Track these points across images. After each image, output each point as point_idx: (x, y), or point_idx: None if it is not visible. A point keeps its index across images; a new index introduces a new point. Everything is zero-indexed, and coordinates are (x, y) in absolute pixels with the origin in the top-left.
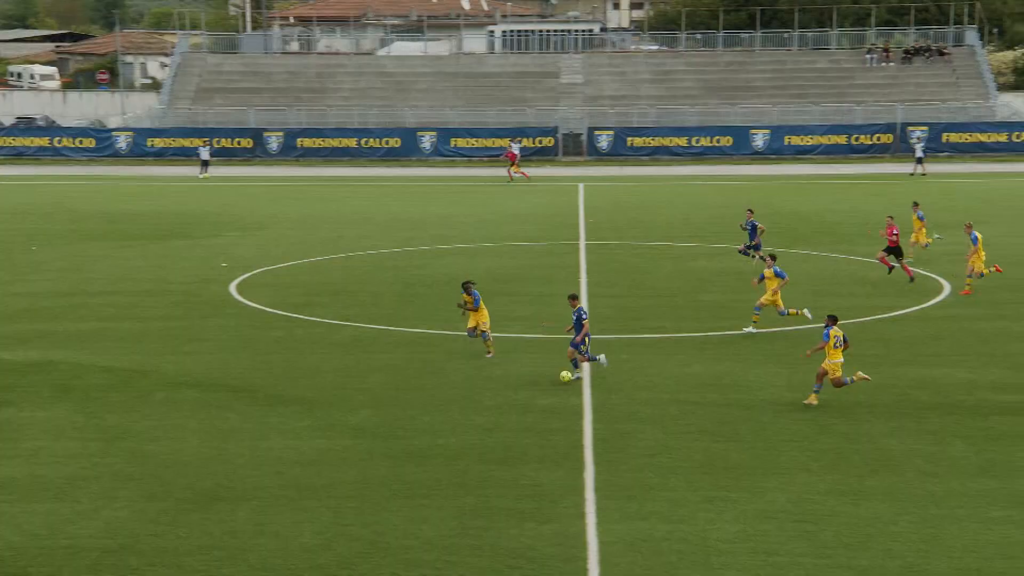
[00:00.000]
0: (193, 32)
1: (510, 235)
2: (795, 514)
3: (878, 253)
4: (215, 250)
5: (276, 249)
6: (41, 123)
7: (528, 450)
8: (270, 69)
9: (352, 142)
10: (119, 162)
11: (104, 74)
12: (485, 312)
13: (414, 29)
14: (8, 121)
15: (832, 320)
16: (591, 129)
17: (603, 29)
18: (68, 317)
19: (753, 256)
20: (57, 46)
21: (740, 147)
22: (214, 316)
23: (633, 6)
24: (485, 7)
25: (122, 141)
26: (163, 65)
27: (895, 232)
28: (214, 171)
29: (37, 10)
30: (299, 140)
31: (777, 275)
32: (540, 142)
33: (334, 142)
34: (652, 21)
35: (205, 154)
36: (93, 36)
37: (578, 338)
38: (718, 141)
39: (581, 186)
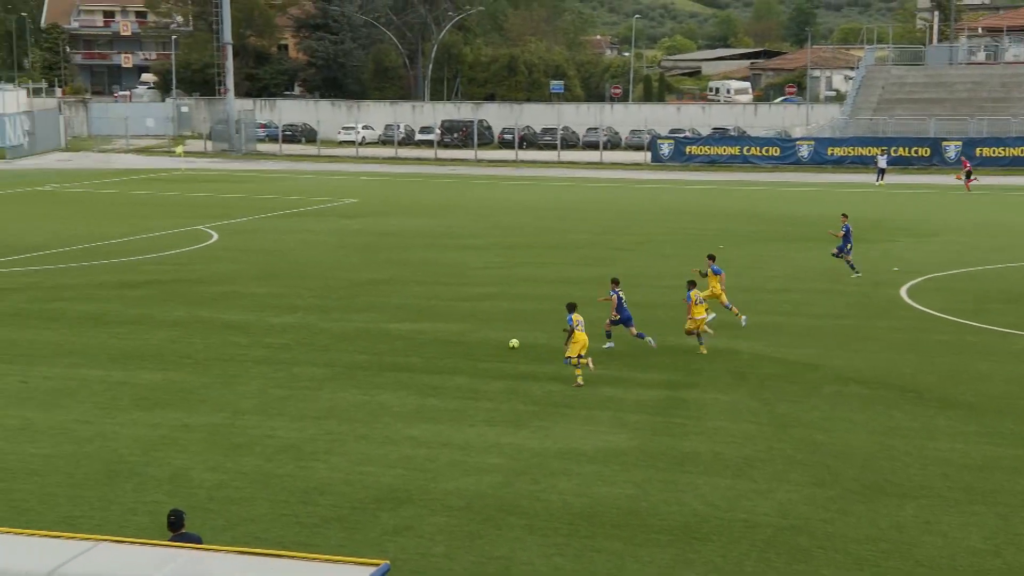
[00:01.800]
0: (879, 46)
1: None
2: None
3: None
4: (888, 254)
5: (947, 255)
6: (733, 133)
7: None
8: (953, 80)
9: None
10: (800, 169)
11: (792, 87)
12: (578, 337)
13: None
14: (705, 132)
15: (691, 284)
16: None
17: None
18: (748, 311)
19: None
20: (752, 63)
21: None
22: (884, 317)
23: None
24: None
25: (804, 150)
26: (847, 78)
27: None
28: (890, 179)
29: (737, 30)
30: (977, 149)
31: (715, 272)
32: None
33: (1016, 151)
34: None
35: (882, 162)
36: (784, 53)
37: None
38: None
39: None
